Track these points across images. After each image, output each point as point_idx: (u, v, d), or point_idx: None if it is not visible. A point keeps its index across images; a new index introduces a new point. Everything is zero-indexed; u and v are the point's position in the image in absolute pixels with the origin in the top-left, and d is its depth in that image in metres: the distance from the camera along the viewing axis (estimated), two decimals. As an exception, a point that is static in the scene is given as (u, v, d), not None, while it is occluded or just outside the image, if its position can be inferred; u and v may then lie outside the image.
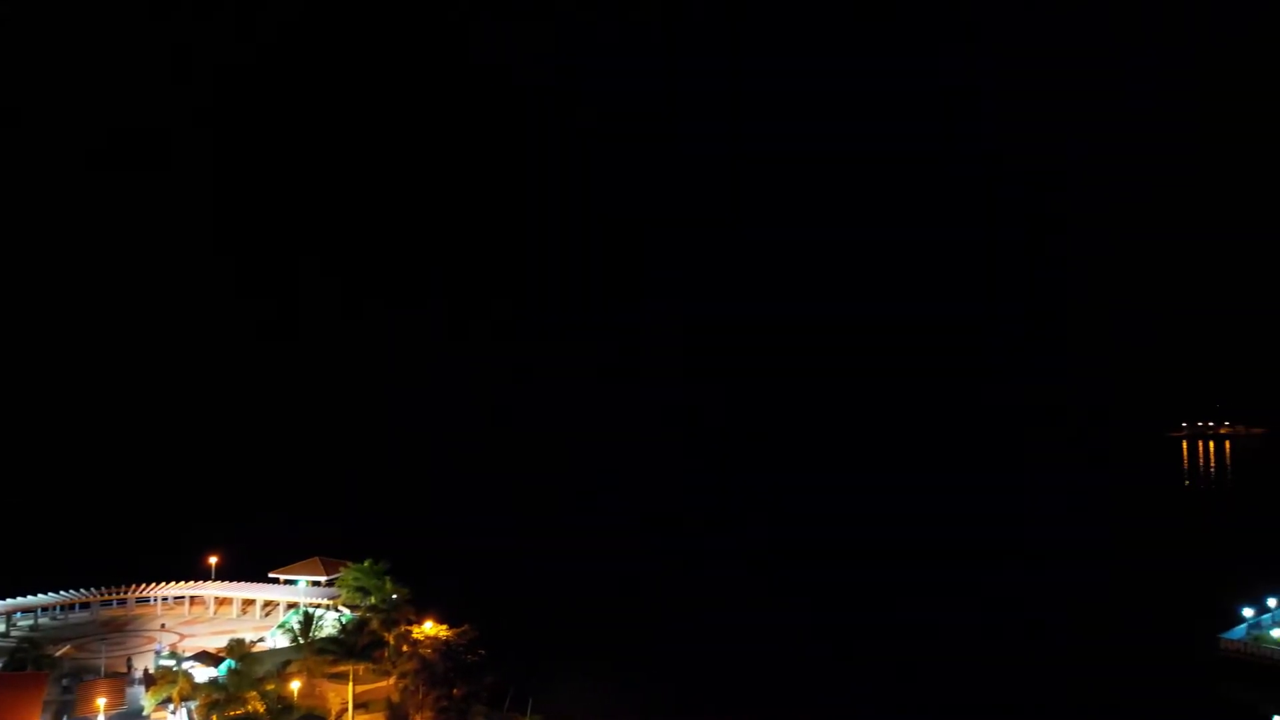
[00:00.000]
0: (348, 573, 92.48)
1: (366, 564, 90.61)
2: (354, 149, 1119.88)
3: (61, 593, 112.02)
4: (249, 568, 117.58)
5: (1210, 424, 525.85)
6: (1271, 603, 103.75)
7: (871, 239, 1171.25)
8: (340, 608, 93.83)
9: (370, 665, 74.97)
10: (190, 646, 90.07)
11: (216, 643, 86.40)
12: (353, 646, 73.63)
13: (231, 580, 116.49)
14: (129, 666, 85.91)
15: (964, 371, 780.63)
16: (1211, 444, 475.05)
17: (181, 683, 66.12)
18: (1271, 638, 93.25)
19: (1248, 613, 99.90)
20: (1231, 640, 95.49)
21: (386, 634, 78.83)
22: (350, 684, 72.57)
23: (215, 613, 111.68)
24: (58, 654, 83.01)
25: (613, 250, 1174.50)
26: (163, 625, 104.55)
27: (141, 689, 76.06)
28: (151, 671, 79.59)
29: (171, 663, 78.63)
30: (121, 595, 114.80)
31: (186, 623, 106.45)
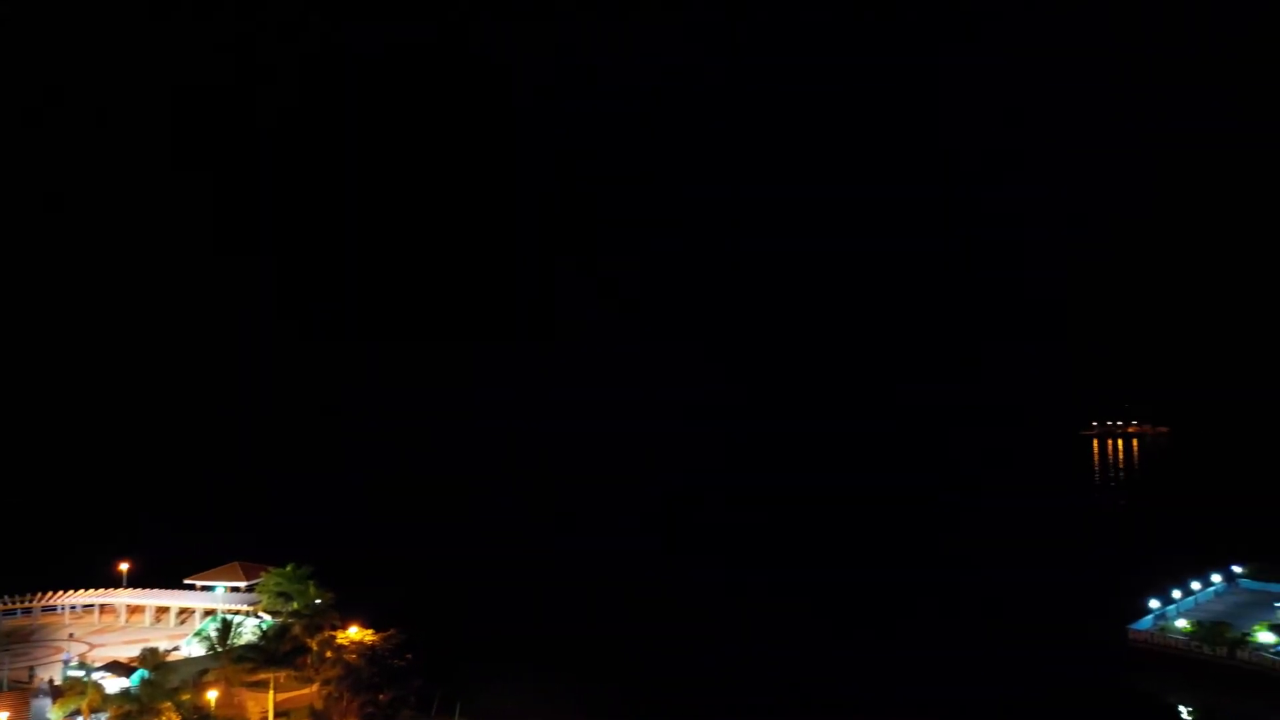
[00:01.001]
0: (269, 578, 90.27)
1: (289, 568, 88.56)
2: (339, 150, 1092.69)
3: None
4: (163, 574, 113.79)
5: (1119, 423, 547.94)
6: (1177, 594, 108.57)
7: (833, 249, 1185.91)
8: (261, 614, 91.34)
9: (292, 672, 73.41)
10: (100, 656, 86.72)
11: (128, 652, 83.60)
12: (274, 653, 71.97)
13: (144, 587, 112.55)
14: (32, 677, 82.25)
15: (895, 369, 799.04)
16: (1120, 442, 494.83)
17: (91, 694, 63.69)
18: (1176, 628, 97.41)
19: (1154, 604, 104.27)
20: (1139, 631, 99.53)
21: (309, 640, 77.08)
22: (271, 692, 70.84)
23: (127, 621, 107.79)
24: (-45, 667, 79.12)
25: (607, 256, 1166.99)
26: (71, 635, 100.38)
27: (48, 701, 72.84)
28: (59, 683, 76.29)
29: (80, 673, 75.35)
30: (26, 604, 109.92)
31: (96, 632, 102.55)
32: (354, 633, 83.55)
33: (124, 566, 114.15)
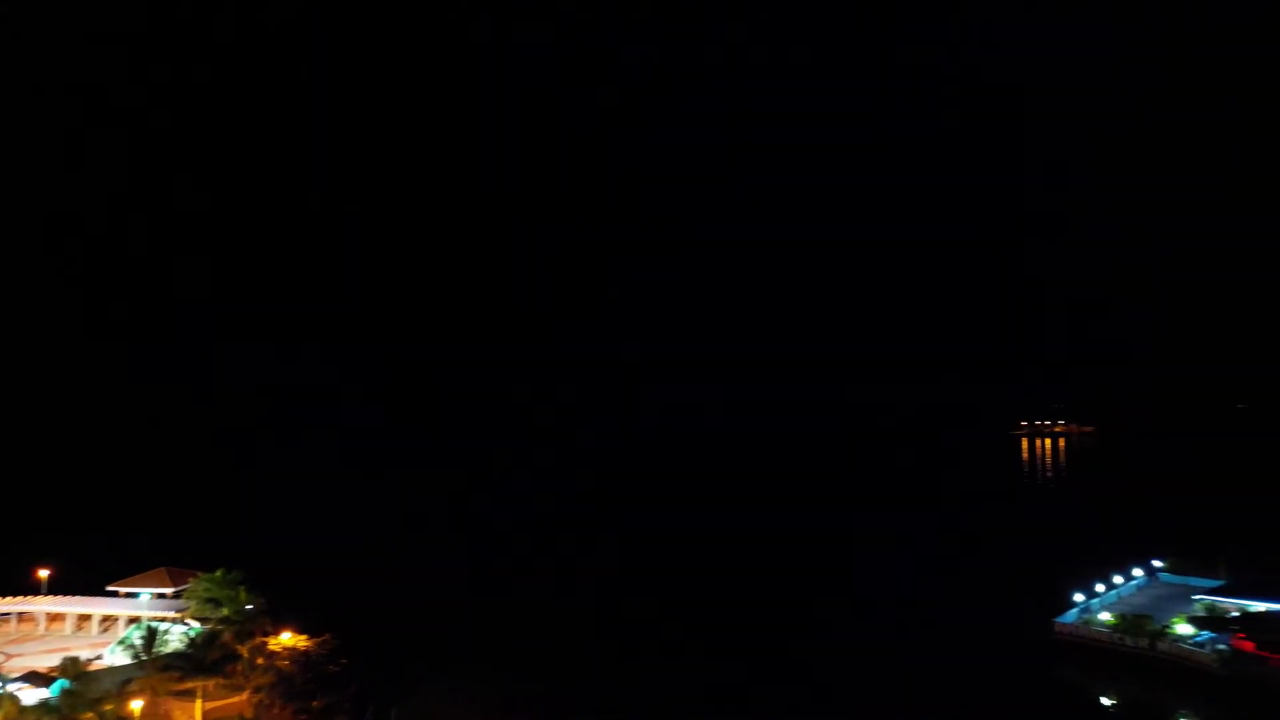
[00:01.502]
0: (197, 583, 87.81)
1: (218, 574, 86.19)
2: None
3: None
4: (85, 581, 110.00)
5: (1046, 422, 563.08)
6: (1100, 588, 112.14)
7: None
8: (189, 621, 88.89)
9: (221, 680, 71.71)
10: (17, 666, 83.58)
11: (48, 662, 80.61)
12: (202, 661, 70.26)
13: (65, 594, 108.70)
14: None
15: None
16: (1048, 441, 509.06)
17: (7, 706, 61.48)
18: (1100, 621, 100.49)
19: (1079, 598, 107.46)
20: (1064, 624, 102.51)
21: (240, 647, 75.34)
22: (199, 701, 69.14)
23: (46, 630, 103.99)
24: None
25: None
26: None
27: (-40, 716, 69.98)
28: (-29, 696, 73.28)
29: (-5, 685, 72.62)
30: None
31: (13, 641, 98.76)
32: (287, 638, 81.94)
33: (44, 573, 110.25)
